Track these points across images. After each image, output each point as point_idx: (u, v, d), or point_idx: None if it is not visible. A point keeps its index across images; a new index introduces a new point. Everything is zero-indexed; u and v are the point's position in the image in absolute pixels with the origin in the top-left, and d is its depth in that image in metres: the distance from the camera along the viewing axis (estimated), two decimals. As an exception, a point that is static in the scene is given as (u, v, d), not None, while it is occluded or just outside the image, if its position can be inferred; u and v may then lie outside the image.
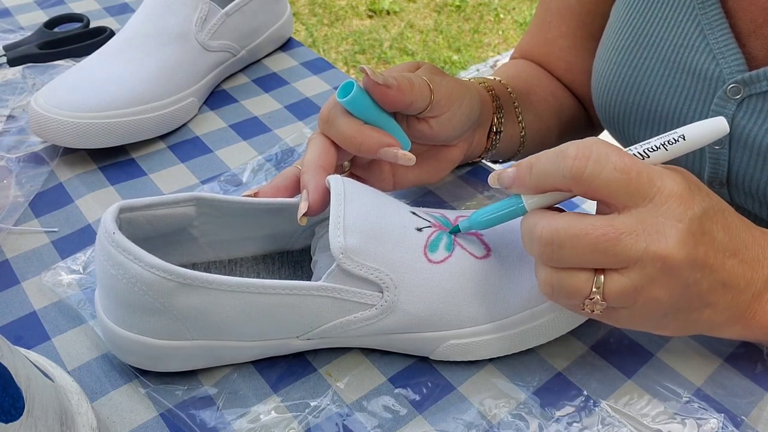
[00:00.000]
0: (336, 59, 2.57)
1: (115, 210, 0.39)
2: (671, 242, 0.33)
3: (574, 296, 0.35)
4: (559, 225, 0.34)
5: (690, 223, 0.34)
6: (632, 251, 0.33)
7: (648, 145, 0.36)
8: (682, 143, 0.36)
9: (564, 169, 0.34)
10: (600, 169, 0.34)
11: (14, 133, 0.61)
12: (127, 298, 0.38)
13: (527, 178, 0.36)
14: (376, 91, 0.43)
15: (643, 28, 0.52)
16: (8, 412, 0.29)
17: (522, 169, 0.37)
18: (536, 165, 0.36)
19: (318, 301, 0.39)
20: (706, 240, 0.35)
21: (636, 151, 0.36)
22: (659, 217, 0.34)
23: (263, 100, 0.68)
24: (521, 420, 0.40)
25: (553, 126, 0.63)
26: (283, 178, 0.45)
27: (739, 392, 0.41)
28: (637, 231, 0.34)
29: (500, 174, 0.38)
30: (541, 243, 0.35)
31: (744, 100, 0.47)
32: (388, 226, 0.40)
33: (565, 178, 0.34)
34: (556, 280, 0.36)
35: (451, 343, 0.41)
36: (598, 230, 0.34)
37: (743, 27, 0.47)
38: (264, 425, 0.40)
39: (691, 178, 0.36)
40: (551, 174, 0.35)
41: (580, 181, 0.34)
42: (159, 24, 0.63)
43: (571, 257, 0.34)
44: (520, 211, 0.38)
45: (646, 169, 0.34)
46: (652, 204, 0.34)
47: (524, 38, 0.69)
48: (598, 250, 0.34)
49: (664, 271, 0.34)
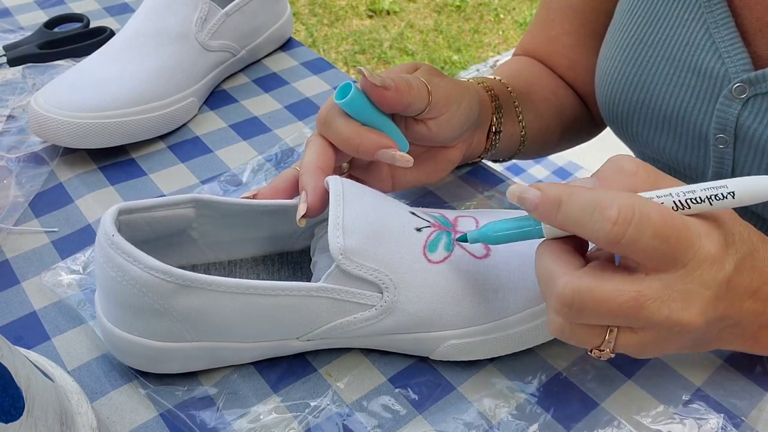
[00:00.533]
0: (336, 59, 2.57)
1: (114, 212, 0.39)
2: (694, 312, 0.32)
3: (584, 345, 0.35)
4: (582, 286, 0.32)
5: (718, 289, 0.33)
6: (654, 318, 0.32)
7: (693, 195, 0.33)
8: (729, 201, 0.32)
9: (600, 231, 0.31)
10: (639, 236, 0.31)
11: (14, 133, 0.61)
12: (127, 300, 0.38)
13: (553, 215, 0.33)
14: (373, 93, 0.43)
15: (647, 26, 0.52)
16: (8, 412, 0.29)
17: (548, 201, 0.33)
18: (566, 206, 0.33)
19: (318, 302, 0.39)
20: (730, 296, 0.34)
21: (677, 199, 0.33)
22: (688, 284, 0.32)
23: (263, 100, 0.68)
24: (521, 420, 0.40)
25: (554, 125, 0.62)
26: (281, 180, 0.45)
27: (738, 393, 0.41)
28: (662, 298, 0.32)
29: (522, 194, 0.34)
30: (561, 301, 0.33)
31: (749, 99, 0.46)
32: (387, 227, 0.40)
33: (600, 240, 0.32)
34: (568, 332, 0.35)
35: (451, 343, 0.41)
36: (624, 296, 0.32)
37: (749, 26, 0.47)
38: (264, 425, 0.40)
39: (728, 225, 0.34)
40: (583, 226, 0.32)
41: (616, 246, 0.32)
42: (159, 24, 0.63)
43: (590, 319, 0.33)
44: (537, 234, 0.36)
45: (685, 232, 0.32)
46: (685, 270, 0.32)
47: (527, 35, 0.69)
48: (620, 316, 0.32)
49: (680, 332, 0.33)
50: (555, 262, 0.34)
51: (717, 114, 0.48)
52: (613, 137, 0.61)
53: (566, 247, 0.35)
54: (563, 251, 0.35)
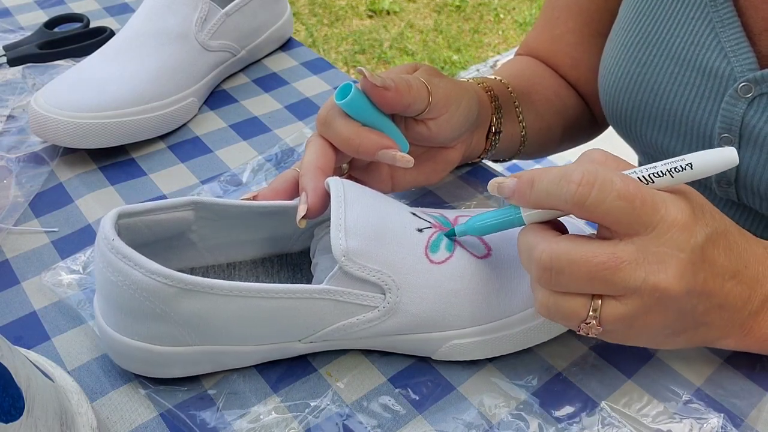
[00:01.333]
0: (336, 59, 2.57)
1: (114, 216, 0.39)
2: (671, 274, 0.33)
3: (571, 319, 0.35)
4: (559, 250, 0.34)
5: (692, 253, 0.34)
6: (631, 281, 0.33)
7: (654, 170, 0.35)
8: (688, 172, 0.34)
9: (566, 194, 0.34)
10: (603, 196, 0.33)
11: (14, 133, 0.61)
12: (127, 305, 0.38)
13: (527, 193, 0.36)
14: (373, 93, 0.43)
15: (652, 25, 0.52)
16: (8, 412, 0.29)
17: (523, 183, 0.36)
18: (538, 183, 0.35)
19: (320, 303, 0.39)
20: (706, 267, 0.34)
21: (641, 175, 0.35)
22: (661, 247, 0.33)
23: (263, 100, 0.68)
24: (521, 420, 0.40)
25: (555, 125, 0.62)
26: (281, 181, 0.45)
27: (738, 392, 0.41)
28: (638, 260, 0.33)
29: (500, 184, 0.37)
30: (540, 267, 0.34)
31: (755, 98, 0.46)
32: (389, 228, 0.40)
33: (567, 203, 0.34)
34: (552, 303, 0.35)
35: (454, 343, 0.41)
36: (598, 258, 0.33)
37: (754, 25, 0.47)
38: (264, 425, 0.40)
39: (696, 199, 0.35)
40: (553, 195, 0.34)
41: (583, 207, 0.33)
42: (159, 24, 0.63)
43: (569, 283, 0.34)
44: (518, 222, 0.38)
45: (650, 196, 0.33)
46: (655, 233, 0.33)
47: (531, 34, 0.68)
48: (597, 278, 0.33)
49: (661, 300, 0.34)
50: (534, 236, 0.36)
51: (722, 113, 0.48)
52: (614, 137, 0.61)
53: (546, 226, 0.37)
54: (543, 228, 0.37)
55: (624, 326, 0.35)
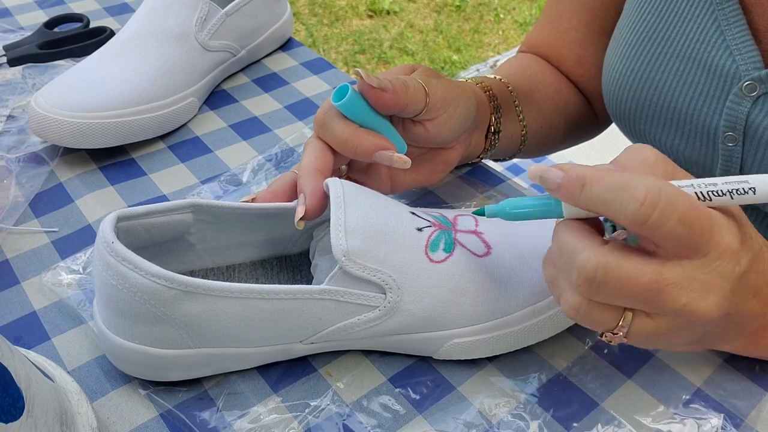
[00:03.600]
0: (336, 59, 2.57)
1: (113, 219, 0.38)
2: (711, 302, 0.33)
3: (599, 327, 0.35)
4: (606, 263, 0.32)
5: (734, 282, 0.33)
6: (672, 304, 0.32)
7: (714, 187, 0.33)
8: (750, 196, 0.33)
9: (627, 210, 0.32)
10: (665, 220, 0.31)
11: (14, 133, 0.61)
12: (127, 308, 0.38)
13: (577, 195, 0.33)
14: (371, 95, 0.43)
15: (657, 22, 0.52)
16: (8, 412, 0.29)
17: (572, 182, 0.33)
18: (592, 186, 0.33)
19: (321, 304, 0.39)
20: (741, 290, 0.34)
21: (699, 191, 0.33)
22: (707, 275, 0.32)
23: (263, 100, 0.68)
24: (521, 420, 0.40)
25: (556, 123, 0.62)
26: (280, 183, 0.45)
27: (738, 393, 0.41)
28: (683, 285, 0.32)
29: (544, 173, 0.34)
30: (583, 275, 0.33)
31: (760, 97, 0.46)
32: (389, 227, 0.40)
33: (626, 219, 0.32)
34: (585, 310, 0.34)
35: (455, 342, 0.41)
36: (646, 278, 0.32)
37: (760, 24, 0.47)
38: (264, 425, 0.40)
39: (744, 221, 0.34)
40: (610, 206, 0.32)
41: (641, 227, 0.32)
42: (159, 24, 0.63)
43: (609, 297, 0.33)
44: (556, 213, 0.36)
45: (708, 221, 0.32)
46: (706, 259, 0.32)
47: (534, 30, 0.68)
48: (639, 297, 0.33)
49: (693, 323, 0.33)
50: (577, 238, 0.34)
51: (727, 112, 0.48)
52: (615, 136, 0.61)
53: (586, 226, 0.35)
54: (584, 229, 0.35)
55: (646, 341, 0.35)
